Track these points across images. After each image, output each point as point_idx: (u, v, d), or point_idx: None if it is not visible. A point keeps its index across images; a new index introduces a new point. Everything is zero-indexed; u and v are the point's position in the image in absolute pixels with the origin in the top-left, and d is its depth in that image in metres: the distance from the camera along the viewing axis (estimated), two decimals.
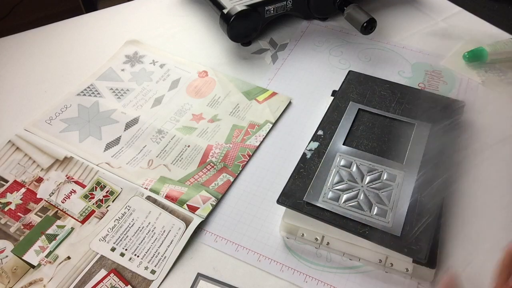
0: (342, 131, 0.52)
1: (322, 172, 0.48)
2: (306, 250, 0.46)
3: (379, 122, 0.53)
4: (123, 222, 0.48)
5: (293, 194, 0.46)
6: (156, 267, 0.44)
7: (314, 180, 0.47)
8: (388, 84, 0.58)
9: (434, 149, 0.50)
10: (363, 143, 0.51)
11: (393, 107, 0.55)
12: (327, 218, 0.44)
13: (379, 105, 0.55)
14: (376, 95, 0.57)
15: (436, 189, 0.46)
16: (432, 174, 0.47)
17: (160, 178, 0.51)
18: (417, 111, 0.54)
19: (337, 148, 0.50)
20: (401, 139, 0.51)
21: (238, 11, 0.62)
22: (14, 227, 0.48)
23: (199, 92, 0.62)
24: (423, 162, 0.48)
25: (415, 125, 0.52)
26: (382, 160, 0.49)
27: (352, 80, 0.59)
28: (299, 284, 0.43)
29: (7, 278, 0.44)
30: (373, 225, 0.43)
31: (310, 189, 0.46)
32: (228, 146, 0.55)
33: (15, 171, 0.52)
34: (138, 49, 0.69)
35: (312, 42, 0.70)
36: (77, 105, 0.60)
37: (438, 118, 0.53)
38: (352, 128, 0.53)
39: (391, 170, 0.48)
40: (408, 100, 0.56)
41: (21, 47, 0.70)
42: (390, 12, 0.75)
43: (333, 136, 0.52)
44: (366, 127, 0.53)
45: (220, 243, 0.47)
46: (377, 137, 0.52)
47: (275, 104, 0.60)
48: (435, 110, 0.54)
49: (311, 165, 0.49)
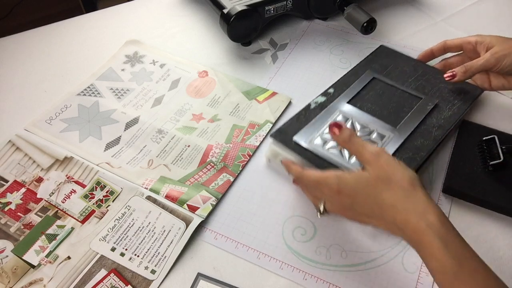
0: (351, 92, 0.56)
1: (318, 121, 0.52)
2: (305, 248, 0.46)
3: (389, 91, 0.56)
4: (123, 222, 0.48)
5: (286, 132, 0.51)
6: (156, 267, 0.44)
7: (308, 125, 0.51)
8: (414, 62, 0.60)
9: (430, 123, 0.51)
10: (366, 106, 0.54)
11: (409, 82, 0.57)
12: (308, 156, 0.48)
13: (396, 78, 0.58)
14: (398, 69, 0.59)
15: (413, 156, 0.48)
16: (418, 142, 0.50)
17: (160, 178, 0.51)
18: (431, 89, 0.56)
19: (340, 105, 0.54)
20: (404, 109, 0.54)
21: (238, 11, 0.62)
22: (14, 227, 0.47)
23: (199, 92, 0.62)
24: (415, 130, 0.51)
25: (421, 99, 0.54)
26: (377, 122, 0.52)
27: (380, 53, 0.62)
28: (299, 282, 0.43)
29: (7, 278, 0.44)
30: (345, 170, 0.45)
31: (301, 131, 0.51)
32: (228, 146, 0.55)
33: (15, 171, 0.52)
34: (138, 49, 0.69)
35: (313, 41, 0.70)
36: (77, 105, 0.60)
37: (449, 98, 0.54)
38: (361, 91, 0.56)
39: (382, 131, 0.51)
40: (427, 79, 0.57)
41: (21, 47, 0.70)
42: (390, 12, 0.75)
43: (340, 95, 0.55)
44: (375, 94, 0.56)
45: (220, 241, 0.47)
46: (381, 104, 0.54)
47: (275, 104, 0.60)
48: (450, 91, 0.56)
49: (311, 115, 0.53)
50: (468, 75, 0.53)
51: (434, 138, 0.50)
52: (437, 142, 0.50)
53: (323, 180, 0.42)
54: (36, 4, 1.43)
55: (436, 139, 0.50)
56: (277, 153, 0.50)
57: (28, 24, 0.78)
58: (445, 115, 0.52)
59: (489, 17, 0.73)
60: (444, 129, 0.51)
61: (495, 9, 0.75)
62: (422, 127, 0.51)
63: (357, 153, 0.41)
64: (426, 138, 0.50)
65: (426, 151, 0.49)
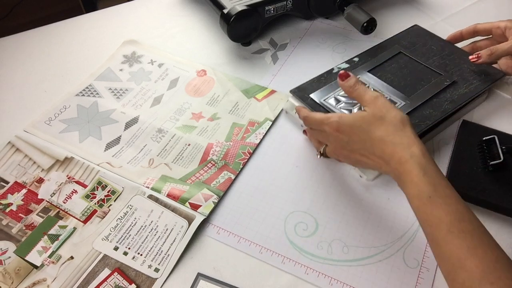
0: (374, 62, 0.59)
1: (336, 83, 0.55)
2: (307, 243, 0.46)
3: (412, 66, 0.58)
4: (125, 221, 0.48)
5: (304, 90, 0.56)
6: (160, 265, 0.44)
7: (326, 87, 0.56)
8: (443, 42, 0.62)
9: (444, 97, 0.54)
10: (386, 76, 0.57)
11: (434, 59, 0.59)
12: (320, 110, 0.53)
13: (421, 55, 0.60)
14: (425, 47, 0.61)
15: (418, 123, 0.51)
16: (427, 112, 0.52)
17: (161, 177, 0.52)
18: (453, 67, 0.57)
19: (361, 73, 0.58)
20: (422, 82, 0.56)
21: (238, 11, 0.62)
22: (16, 228, 0.47)
23: (198, 91, 0.62)
24: (426, 102, 0.53)
25: (440, 75, 0.56)
26: (392, 90, 0.55)
27: (412, 32, 0.64)
28: (300, 276, 0.44)
29: (10, 279, 0.44)
30: None
31: (319, 91, 0.56)
32: (229, 144, 0.55)
33: (15, 172, 0.52)
34: (136, 49, 0.69)
35: (316, 39, 0.70)
36: (76, 106, 0.60)
37: (468, 78, 0.56)
38: (385, 63, 0.59)
39: (394, 98, 0.54)
40: (452, 58, 0.59)
41: (21, 47, 0.69)
42: (390, 12, 0.75)
43: (363, 64, 0.59)
44: (397, 66, 0.59)
45: (222, 235, 0.47)
46: (401, 75, 0.57)
47: (274, 102, 0.60)
48: (471, 71, 0.57)
49: (332, 78, 0.58)
50: (493, 58, 0.54)
51: (444, 110, 0.52)
52: (444, 114, 0.51)
53: (326, 119, 0.46)
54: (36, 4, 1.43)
55: (445, 111, 0.52)
56: (294, 106, 0.56)
57: (28, 24, 0.77)
58: (460, 92, 0.54)
59: (489, 17, 0.72)
60: (455, 103, 0.53)
61: (495, 9, 0.75)
62: (434, 99, 0.53)
63: (359, 97, 0.45)
64: (436, 109, 0.52)
65: (432, 120, 0.51)
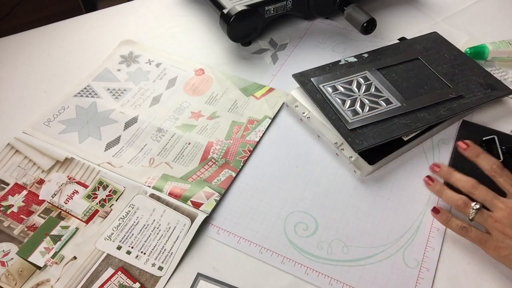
0: (383, 62, 0.60)
1: (339, 73, 0.57)
2: (307, 243, 0.46)
3: (419, 70, 0.59)
4: (127, 220, 0.48)
5: (307, 76, 0.57)
6: (164, 264, 0.45)
7: (329, 74, 0.57)
8: (457, 52, 0.62)
9: (442, 104, 0.53)
10: (391, 75, 0.58)
11: (444, 67, 0.59)
12: (317, 98, 0.54)
13: (432, 61, 0.60)
14: (438, 54, 0.61)
15: (409, 124, 0.51)
16: (421, 115, 0.52)
17: (162, 175, 0.52)
18: (461, 78, 0.58)
19: (368, 68, 0.58)
20: (424, 87, 0.56)
21: (238, 11, 0.62)
22: (17, 230, 0.47)
23: (197, 90, 0.62)
24: (422, 107, 0.53)
25: (446, 85, 0.56)
26: (393, 91, 0.55)
27: (429, 38, 0.64)
28: (300, 276, 0.44)
29: (14, 280, 0.44)
30: (340, 115, 0.52)
31: (321, 77, 0.57)
32: (229, 142, 0.55)
33: (15, 174, 0.52)
34: (133, 49, 0.69)
35: (316, 40, 0.70)
36: (75, 106, 0.60)
37: (473, 90, 0.56)
38: (393, 64, 0.59)
39: (392, 99, 0.54)
40: (462, 69, 0.59)
41: (21, 47, 0.69)
42: (390, 12, 0.75)
43: (372, 61, 0.59)
44: (405, 68, 0.59)
45: (222, 235, 0.47)
46: (406, 77, 0.58)
47: (273, 100, 0.60)
48: (478, 84, 0.57)
49: (337, 68, 0.59)
50: None
51: (438, 116, 0.52)
52: (438, 120, 0.51)
53: None
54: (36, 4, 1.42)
55: (440, 117, 0.52)
56: (294, 99, 0.57)
57: (28, 24, 0.77)
58: (461, 102, 0.54)
59: (489, 17, 0.74)
60: (452, 111, 0.53)
61: (495, 9, 0.75)
62: (433, 106, 0.53)
63: None
64: (431, 114, 0.52)
65: (424, 123, 0.51)
